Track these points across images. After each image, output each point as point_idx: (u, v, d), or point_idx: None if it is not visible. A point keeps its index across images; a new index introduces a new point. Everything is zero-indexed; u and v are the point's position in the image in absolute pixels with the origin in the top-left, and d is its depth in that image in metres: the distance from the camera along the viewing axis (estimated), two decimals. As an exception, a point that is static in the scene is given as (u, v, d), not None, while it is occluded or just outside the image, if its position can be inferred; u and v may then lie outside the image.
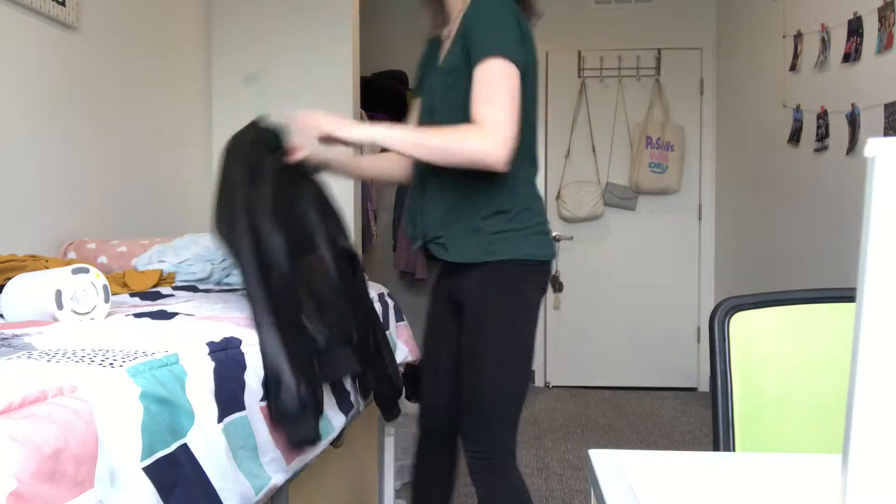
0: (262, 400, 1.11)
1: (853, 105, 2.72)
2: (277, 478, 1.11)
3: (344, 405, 1.45)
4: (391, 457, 2.19)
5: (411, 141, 1.44)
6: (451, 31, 1.55)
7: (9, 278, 1.35)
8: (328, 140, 1.47)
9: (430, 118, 1.54)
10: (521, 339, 1.54)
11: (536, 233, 1.53)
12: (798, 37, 3.23)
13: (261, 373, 1.11)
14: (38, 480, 0.62)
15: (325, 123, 1.45)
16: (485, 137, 1.35)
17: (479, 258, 1.49)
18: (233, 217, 1.28)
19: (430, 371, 1.70)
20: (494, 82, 1.37)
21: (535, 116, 1.55)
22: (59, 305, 1.12)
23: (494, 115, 1.35)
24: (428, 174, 1.56)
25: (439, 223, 1.54)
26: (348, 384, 1.44)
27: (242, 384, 1.05)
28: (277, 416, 1.10)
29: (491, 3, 1.44)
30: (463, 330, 1.55)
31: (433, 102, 1.55)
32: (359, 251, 3.29)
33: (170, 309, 1.29)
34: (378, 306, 1.88)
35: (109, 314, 1.21)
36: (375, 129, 1.47)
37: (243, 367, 1.07)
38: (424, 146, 1.43)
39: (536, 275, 1.54)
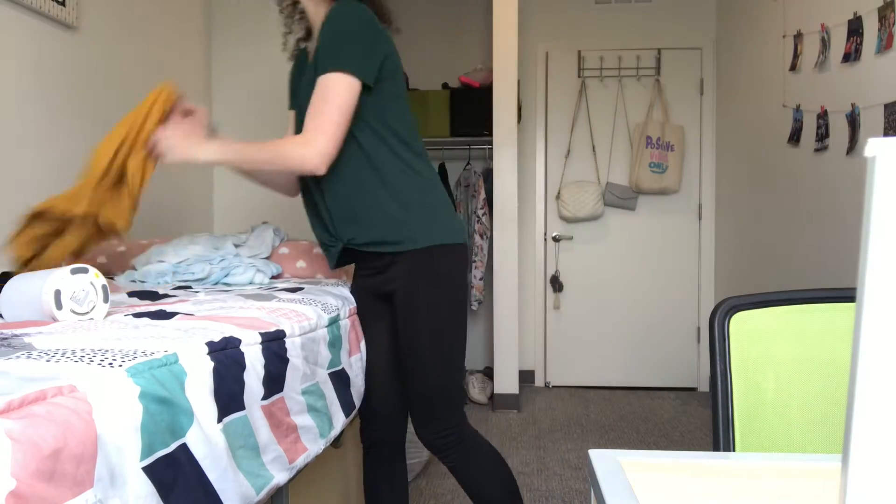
0: (262, 399, 1.11)
1: (853, 105, 2.72)
2: (280, 477, 1.11)
3: (345, 404, 1.45)
4: (391, 457, 2.18)
5: (241, 157, 1.53)
6: (314, 45, 1.57)
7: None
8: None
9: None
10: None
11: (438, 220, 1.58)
12: (798, 37, 3.23)
13: (261, 372, 1.11)
14: (38, 480, 0.62)
15: (172, 153, 1.50)
16: (301, 147, 1.44)
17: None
18: None
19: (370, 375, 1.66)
20: (326, 96, 1.44)
21: (407, 114, 1.58)
22: (59, 305, 1.12)
23: (316, 127, 1.44)
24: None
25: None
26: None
27: (242, 384, 1.05)
28: None
29: (342, 18, 1.47)
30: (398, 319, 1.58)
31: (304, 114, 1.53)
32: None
33: (169, 309, 1.29)
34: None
35: (109, 314, 1.21)
36: (212, 150, 1.52)
37: (243, 367, 1.07)
38: (253, 160, 1.53)
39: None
